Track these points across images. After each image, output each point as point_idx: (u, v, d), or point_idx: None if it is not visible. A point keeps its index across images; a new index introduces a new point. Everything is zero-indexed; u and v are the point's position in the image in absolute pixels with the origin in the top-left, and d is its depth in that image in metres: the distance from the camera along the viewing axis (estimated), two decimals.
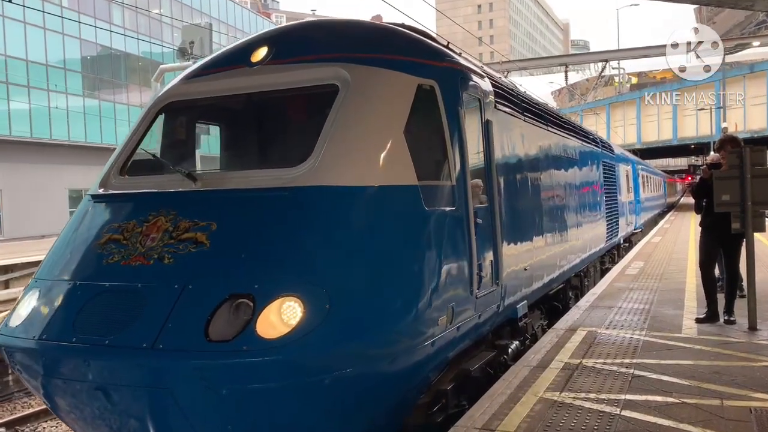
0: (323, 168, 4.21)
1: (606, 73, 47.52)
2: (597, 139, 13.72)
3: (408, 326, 4.17)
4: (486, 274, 5.31)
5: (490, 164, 5.71)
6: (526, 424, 4.28)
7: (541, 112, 8.38)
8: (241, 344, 3.56)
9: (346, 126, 4.38)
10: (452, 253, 4.75)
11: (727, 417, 4.35)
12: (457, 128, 5.05)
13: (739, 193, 6.81)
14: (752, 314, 6.93)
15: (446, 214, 4.76)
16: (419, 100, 4.73)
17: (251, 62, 4.92)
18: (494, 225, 5.62)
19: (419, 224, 4.48)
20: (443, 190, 4.81)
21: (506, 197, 6.11)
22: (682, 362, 5.72)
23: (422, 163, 4.63)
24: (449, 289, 4.64)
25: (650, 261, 13.80)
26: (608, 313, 8.09)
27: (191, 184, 4.49)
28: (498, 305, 5.70)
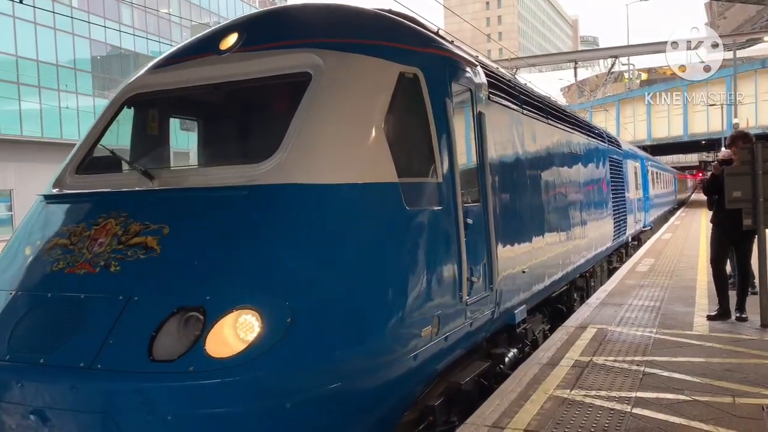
0: (290, 164, 3.81)
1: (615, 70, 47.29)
2: (603, 134, 13.25)
3: (385, 340, 3.80)
4: (478, 278, 4.95)
5: (482, 160, 5.31)
6: (536, 422, 4.28)
7: (541, 105, 7.98)
8: (187, 364, 3.17)
9: (317, 118, 3.98)
10: (438, 256, 4.38)
11: (739, 415, 4.32)
12: (445, 120, 4.65)
13: (750, 190, 6.77)
14: (764, 311, 6.88)
15: (431, 214, 4.38)
16: (401, 89, 4.33)
17: (220, 50, 4.55)
18: (487, 225, 5.24)
19: (399, 226, 4.08)
20: (428, 188, 4.42)
21: (502, 195, 5.77)
22: (694, 360, 5.69)
23: (404, 158, 4.27)
24: (435, 297, 4.28)
25: (661, 258, 13.73)
26: (618, 311, 8.05)
27: (148, 182, 4.13)
28: (492, 311, 5.33)
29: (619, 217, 13.17)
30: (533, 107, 7.43)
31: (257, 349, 3.23)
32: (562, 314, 8.39)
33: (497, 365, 5.65)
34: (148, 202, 4.01)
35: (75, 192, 4.40)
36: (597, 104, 48.57)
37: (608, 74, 46.38)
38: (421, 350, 4.08)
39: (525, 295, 6.34)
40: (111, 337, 3.31)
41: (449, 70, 4.91)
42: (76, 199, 4.33)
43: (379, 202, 4.01)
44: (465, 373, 4.98)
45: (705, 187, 8.07)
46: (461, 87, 5.10)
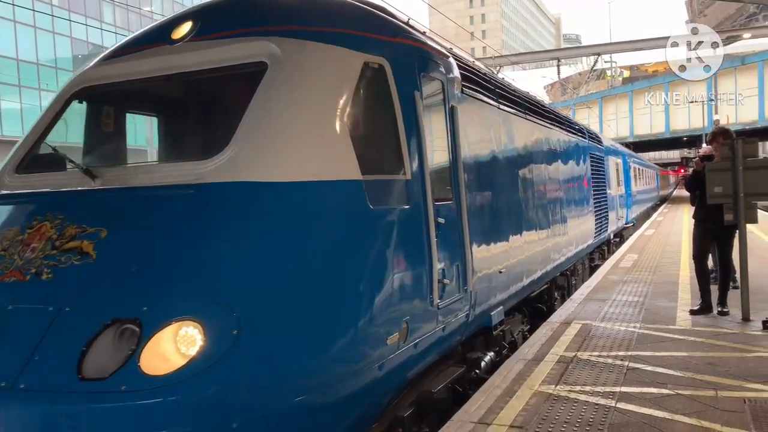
0: (240, 161, 3.52)
1: (598, 67, 47.67)
2: (584, 130, 13.00)
3: (345, 350, 3.53)
4: (451, 280, 4.71)
5: (455, 156, 5.08)
6: (521, 418, 4.29)
7: (519, 100, 7.73)
8: (119, 383, 2.87)
9: (271, 111, 3.69)
10: (406, 258, 4.12)
11: (722, 408, 4.37)
12: (413, 114, 4.39)
13: (731, 185, 6.85)
14: (745, 305, 6.97)
15: (399, 213, 4.12)
16: (365, 80, 4.07)
17: (172, 39, 4.24)
18: (461, 224, 4.98)
19: (362, 227, 3.80)
20: (395, 185, 4.15)
21: (476, 193, 5.54)
22: (677, 354, 5.74)
23: (368, 154, 4.00)
24: (402, 302, 4.03)
25: (644, 253, 13.84)
26: (602, 306, 8.11)
27: (90, 182, 3.80)
28: (467, 314, 5.10)
29: (600, 214, 13.03)
30: (510, 102, 7.23)
31: (199, 364, 2.94)
32: (543, 314, 8.19)
33: (473, 370, 5.45)
34: (87, 203, 3.70)
35: (11, 193, 4.07)
36: (580, 101, 48.92)
37: (591, 72, 46.70)
38: (388, 359, 3.84)
39: (502, 296, 6.13)
40: (37, 353, 3.00)
41: (419, 62, 4.66)
42: (12, 200, 4.01)
43: (340, 202, 3.72)
44: (437, 380, 4.75)
45: (687, 183, 8.15)
46: (432, 80, 4.86)
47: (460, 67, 5.57)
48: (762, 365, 5.32)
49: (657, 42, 40.75)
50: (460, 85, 5.41)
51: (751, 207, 6.89)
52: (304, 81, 3.85)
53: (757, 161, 7.06)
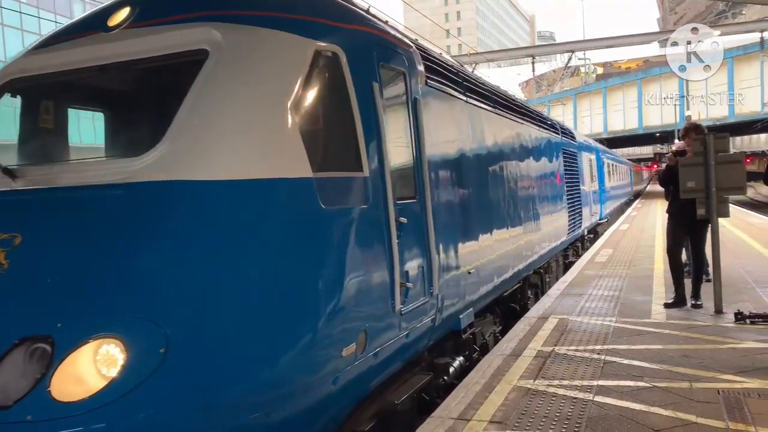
0: (174, 158, 3.20)
1: (572, 64, 48.11)
2: (557, 125, 12.75)
3: (292, 366, 3.22)
4: (415, 283, 4.46)
5: (419, 151, 4.80)
6: (501, 413, 4.32)
7: (488, 94, 7.45)
8: (24, 412, 2.53)
9: (211, 102, 3.37)
10: (364, 262, 3.84)
11: (696, 399, 4.44)
12: (371, 107, 4.10)
13: (703, 180, 6.95)
14: (718, 298, 7.09)
15: (355, 213, 3.83)
16: (317, 70, 3.75)
17: (108, 27, 3.88)
18: (426, 224, 4.73)
19: (312, 229, 3.48)
20: (351, 183, 3.87)
21: (443, 190, 5.29)
22: (652, 347, 5.82)
23: (320, 150, 3.74)
24: (360, 310, 3.76)
25: (619, 248, 14.02)
26: (579, 301, 8.19)
27: (10, 182, 3.46)
28: (433, 318, 4.86)
29: (574, 210, 12.90)
30: (479, 96, 6.96)
31: (119, 387, 2.61)
32: (516, 313, 8.08)
33: (441, 377, 5.25)
34: (2, 206, 3.35)
35: None
36: (554, 98, 49.34)
37: (565, 69, 47.14)
38: (344, 372, 3.59)
39: (472, 297, 5.89)
40: None
41: (378, 51, 4.35)
42: None
43: (286, 201, 3.40)
44: (401, 390, 4.52)
45: (661, 178, 8.26)
46: (393, 70, 4.59)
47: (425, 59, 5.32)
48: (734, 356, 5.41)
49: (630, 39, 41.29)
50: (425, 77, 5.15)
51: (723, 201, 7.01)
52: (247, 70, 3.54)
53: (728, 156, 7.19)
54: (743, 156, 7.75)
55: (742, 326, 6.44)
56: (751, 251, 12.08)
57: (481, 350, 6.26)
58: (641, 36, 41.23)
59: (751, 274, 9.36)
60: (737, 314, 6.64)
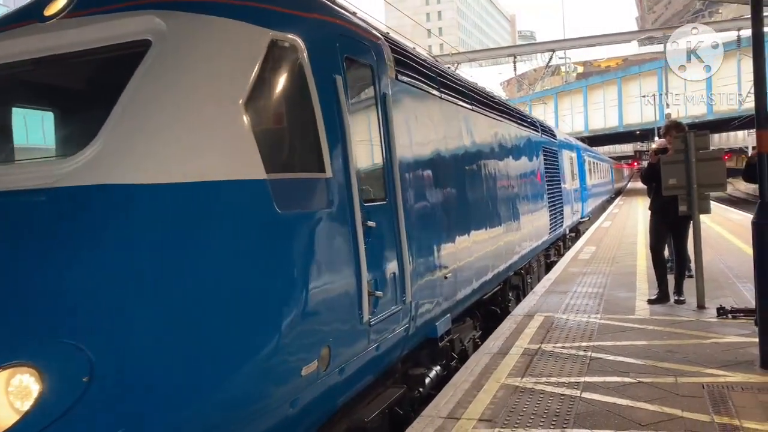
0: (106, 159, 2.84)
1: (553, 63, 48.45)
2: (536, 123, 12.53)
3: (239, 391, 2.88)
4: (385, 291, 4.19)
5: (389, 150, 4.53)
6: (490, 411, 4.34)
7: (464, 89, 7.12)
8: None
9: (150, 98, 3.03)
10: (326, 271, 3.54)
11: (681, 394, 4.50)
12: (334, 101, 3.81)
13: (685, 177, 7.05)
14: (700, 293, 7.19)
15: (316, 217, 3.54)
16: (273, 61, 3.44)
17: (44, 16, 3.57)
18: (397, 227, 4.46)
19: (264, 236, 3.16)
20: (311, 185, 3.57)
21: (415, 191, 4.99)
22: (637, 343, 5.89)
23: (276, 148, 3.48)
24: (322, 324, 3.47)
25: (602, 246, 14.15)
26: (564, 298, 8.26)
27: None
28: (407, 327, 4.60)
29: (555, 209, 12.70)
30: (455, 92, 6.67)
31: (35, 423, 2.28)
32: (497, 316, 7.86)
33: (416, 389, 4.99)
34: None
35: None
36: (536, 97, 49.65)
37: (546, 68, 47.46)
38: (304, 392, 3.30)
39: (449, 303, 5.62)
40: None
41: (342, 42, 4.06)
42: None
43: (235, 206, 3.07)
44: (372, 406, 4.24)
45: (643, 175, 8.36)
46: (359, 63, 4.31)
47: (396, 52, 5.04)
48: (717, 351, 5.49)
49: (609, 38, 41.66)
50: (395, 72, 4.88)
51: (704, 198, 7.12)
52: (192, 62, 3.20)
53: (709, 153, 7.29)
54: (723, 153, 7.86)
55: (724, 321, 6.53)
56: (731, 247, 12.26)
57: (460, 357, 6.02)
58: (621, 35, 41.60)
59: (731, 269, 9.50)
60: (719, 309, 6.73)
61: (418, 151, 5.26)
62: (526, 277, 10.13)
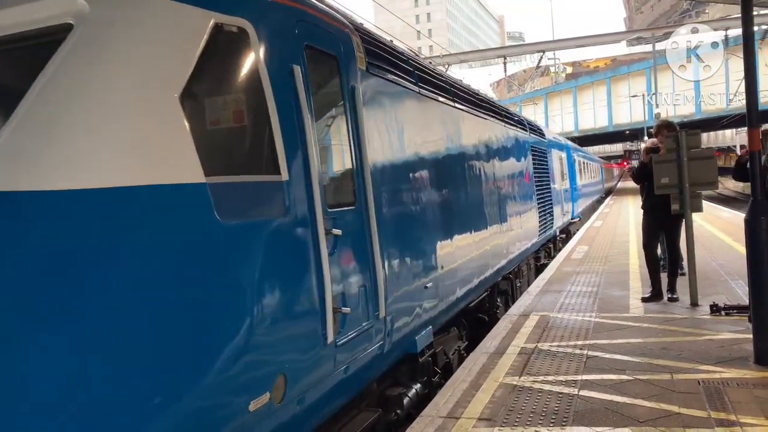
0: (9, 160, 2.40)
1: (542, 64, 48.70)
2: (524, 122, 12.11)
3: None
4: (355, 307, 3.81)
5: (359, 149, 4.13)
6: (489, 410, 4.37)
7: (446, 85, 6.69)
8: None
9: (66, 90, 2.58)
10: (280, 288, 3.12)
11: (678, 390, 4.54)
12: (291, 94, 3.39)
13: (677, 176, 7.11)
14: (693, 291, 7.25)
15: (268, 226, 3.11)
16: (216, 48, 3.01)
17: None
18: (369, 235, 4.06)
19: (200, 249, 2.69)
20: (263, 189, 3.17)
21: (390, 195, 4.61)
22: (632, 341, 5.93)
23: (220, 148, 3.13)
24: (275, 348, 3.04)
25: (594, 245, 14.23)
26: (558, 297, 8.31)
27: None
28: (381, 345, 4.21)
29: (545, 210, 12.37)
30: (435, 87, 6.21)
31: None
32: (485, 324, 7.54)
33: (393, 411, 4.57)
34: None
35: None
36: (526, 98, 49.91)
37: (536, 69, 47.66)
38: (254, 430, 2.91)
39: (430, 314, 5.25)
40: None
41: (302, 29, 3.61)
42: None
43: (163, 216, 2.60)
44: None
45: (634, 175, 8.42)
46: (323, 53, 3.88)
47: (367, 42, 4.64)
48: (712, 347, 5.55)
49: (598, 39, 41.92)
50: (366, 63, 4.47)
51: (696, 196, 7.19)
52: (118, 48, 2.74)
53: (700, 152, 7.37)
54: (714, 152, 7.94)
55: (717, 318, 6.59)
56: (723, 245, 12.36)
57: (444, 372, 5.62)
58: (609, 35, 41.89)
59: (723, 267, 9.57)
60: (712, 306, 6.80)
61: (394, 150, 4.87)
62: (515, 281, 9.79)
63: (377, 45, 4.92)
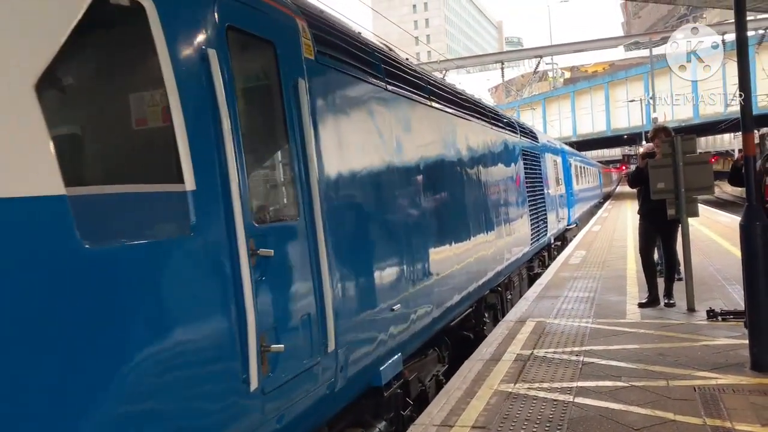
0: None
1: (540, 69, 48.80)
2: (515, 124, 11.34)
3: None
4: (293, 341, 3.16)
5: (304, 153, 3.45)
6: (483, 418, 4.34)
7: (419, 81, 5.89)
8: None
9: None
10: (178, 325, 2.49)
11: (674, 397, 4.51)
12: (205, 85, 2.77)
13: (673, 181, 7.10)
14: (690, 296, 7.22)
15: (156, 250, 2.47)
16: (100, 26, 2.47)
17: None
18: (315, 254, 3.43)
19: (55, 282, 2.05)
20: (155, 202, 2.62)
21: (345, 205, 4.00)
22: (629, 347, 5.91)
23: (95, 151, 2.64)
24: (170, 404, 2.42)
25: (592, 250, 14.21)
26: (555, 303, 8.28)
27: None
28: (332, 383, 3.57)
29: (537, 218, 11.85)
30: (407, 84, 5.48)
31: None
32: (470, 342, 6.95)
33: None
34: None
35: None
36: (524, 103, 49.94)
37: (534, 74, 47.76)
38: None
39: (399, 339, 4.62)
40: None
41: (223, 6, 2.97)
42: None
43: (12, 237, 1.96)
44: None
45: (631, 180, 8.41)
46: (253, 36, 3.26)
47: (316, 26, 3.90)
48: (708, 353, 5.52)
49: (596, 43, 42.05)
50: (313, 51, 3.77)
51: (692, 201, 7.17)
52: None
53: (696, 157, 7.36)
54: (710, 157, 7.94)
55: (714, 323, 6.57)
56: (720, 249, 12.34)
57: (418, 402, 5.08)
58: (607, 40, 42.03)
59: (720, 272, 9.56)
60: (709, 312, 6.77)
61: (352, 155, 4.22)
62: (506, 293, 9.03)
63: (330, 31, 4.19)
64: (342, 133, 4.14)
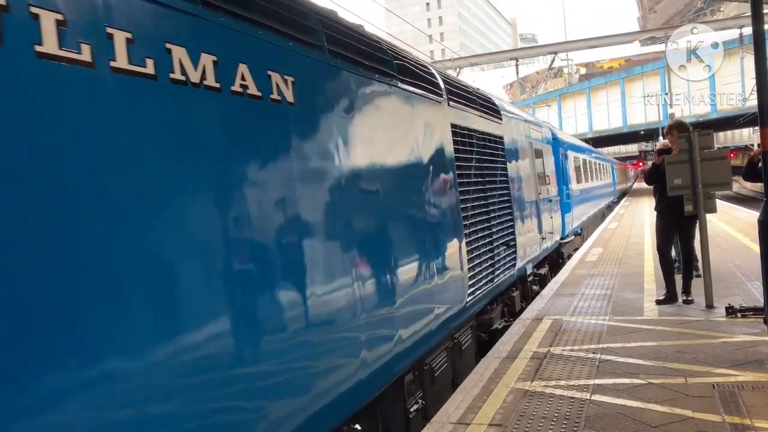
0: None
1: (555, 65, 48.47)
2: (437, 80, 5.97)
3: None
4: None
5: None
6: (500, 416, 4.34)
7: (360, 43, 4.20)
8: None
9: None
10: None
11: (692, 394, 4.48)
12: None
13: (690, 177, 7.04)
14: (708, 293, 7.16)
15: None
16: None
17: None
18: None
19: None
20: None
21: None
22: (646, 344, 5.87)
23: None
24: None
25: (608, 247, 14.11)
26: (572, 301, 8.24)
27: None
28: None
29: (493, 240, 7.08)
30: (336, 43, 3.79)
31: None
32: None
33: None
34: None
35: None
36: (539, 100, 49.64)
37: (549, 70, 47.47)
38: None
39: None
40: None
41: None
42: None
43: None
44: None
45: (647, 176, 8.35)
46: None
47: None
48: (727, 350, 5.47)
49: (611, 39, 41.70)
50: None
51: (709, 197, 7.10)
52: None
53: (713, 153, 7.28)
54: (727, 152, 7.84)
55: (733, 320, 6.50)
56: (739, 245, 12.21)
57: None
58: (622, 36, 41.67)
59: (739, 268, 9.46)
60: (728, 308, 6.71)
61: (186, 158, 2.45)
62: (425, 377, 5.06)
63: None
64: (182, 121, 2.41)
